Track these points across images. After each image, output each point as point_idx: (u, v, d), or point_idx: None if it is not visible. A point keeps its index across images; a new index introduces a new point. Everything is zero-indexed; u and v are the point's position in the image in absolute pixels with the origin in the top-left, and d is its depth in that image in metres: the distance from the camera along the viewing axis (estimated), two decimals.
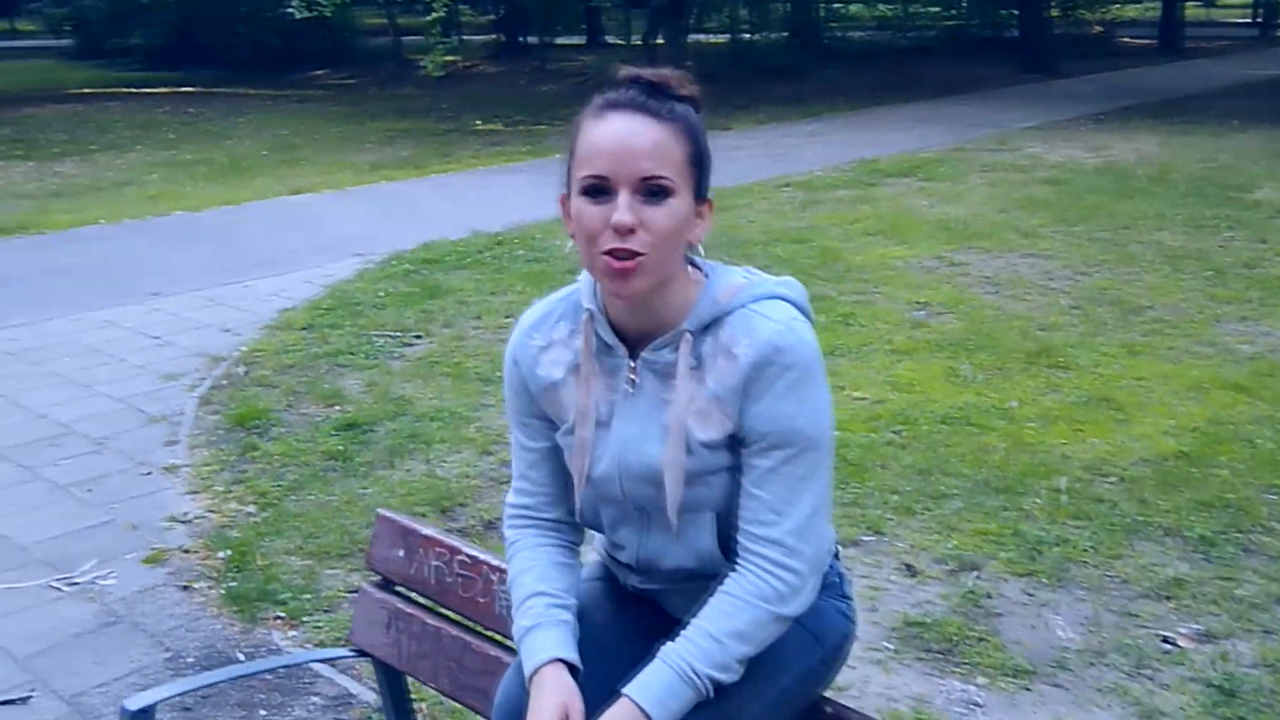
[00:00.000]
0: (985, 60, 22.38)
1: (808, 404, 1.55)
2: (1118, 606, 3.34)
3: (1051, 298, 6.51)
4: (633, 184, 1.49)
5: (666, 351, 1.59)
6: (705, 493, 1.60)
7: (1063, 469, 4.23)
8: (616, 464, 1.63)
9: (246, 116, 17.39)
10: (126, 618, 3.41)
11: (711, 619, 1.56)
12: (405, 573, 2.04)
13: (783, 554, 1.56)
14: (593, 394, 1.64)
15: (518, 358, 1.71)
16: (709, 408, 1.57)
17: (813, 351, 1.56)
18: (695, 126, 1.56)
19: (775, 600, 1.56)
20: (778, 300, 1.59)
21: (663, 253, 1.51)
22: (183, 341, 6.14)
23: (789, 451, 1.55)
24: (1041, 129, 13.53)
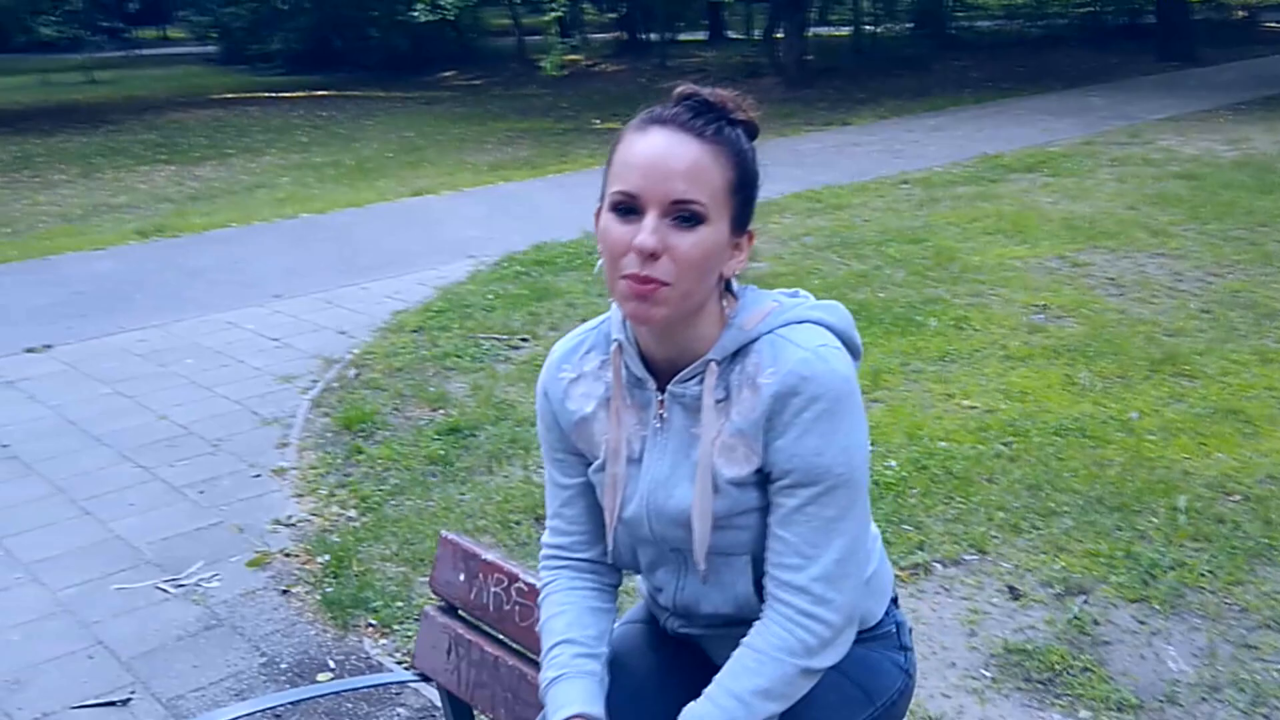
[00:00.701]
0: (1119, 49, 21.59)
1: (837, 438, 1.44)
2: (1235, 637, 3.15)
3: (1180, 301, 6.22)
4: (663, 206, 1.41)
5: (693, 383, 1.51)
6: (738, 536, 1.51)
7: (1183, 486, 4.02)
8: (645, 504, 1.55)
9: (376, 119, 17.76)
10: (227, 621, 3.49)
11: (735, 676, 1.47)
12: (466, 597, 2.02)
13: (809, 602, 1.47)
14: (624, 428, 1.56)
15: (548, 390, 1.65)
16: (734, 442, 1.48)
17: (843, 381, 1.45)
18: (744, 153, 1.47)
19: (803, 654, 1.47)
20: (810, 325, 1.49)
21: (688, 284, 1.42)
22: (300, 344, 6.28)
23: (816, 490, 1.45)
24: (1176, 120, 12.96)
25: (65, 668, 3.27)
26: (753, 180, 1.48)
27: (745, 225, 1.49)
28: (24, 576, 3.83)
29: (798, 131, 13.73)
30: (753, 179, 1.48)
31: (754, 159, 1.48)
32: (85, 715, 3.05)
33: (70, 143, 16.26)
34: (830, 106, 16.00)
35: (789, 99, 16.98)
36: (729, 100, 1.48)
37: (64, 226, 10.27)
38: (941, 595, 3.45)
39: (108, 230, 9.82)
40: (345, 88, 23.26)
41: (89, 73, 26.29)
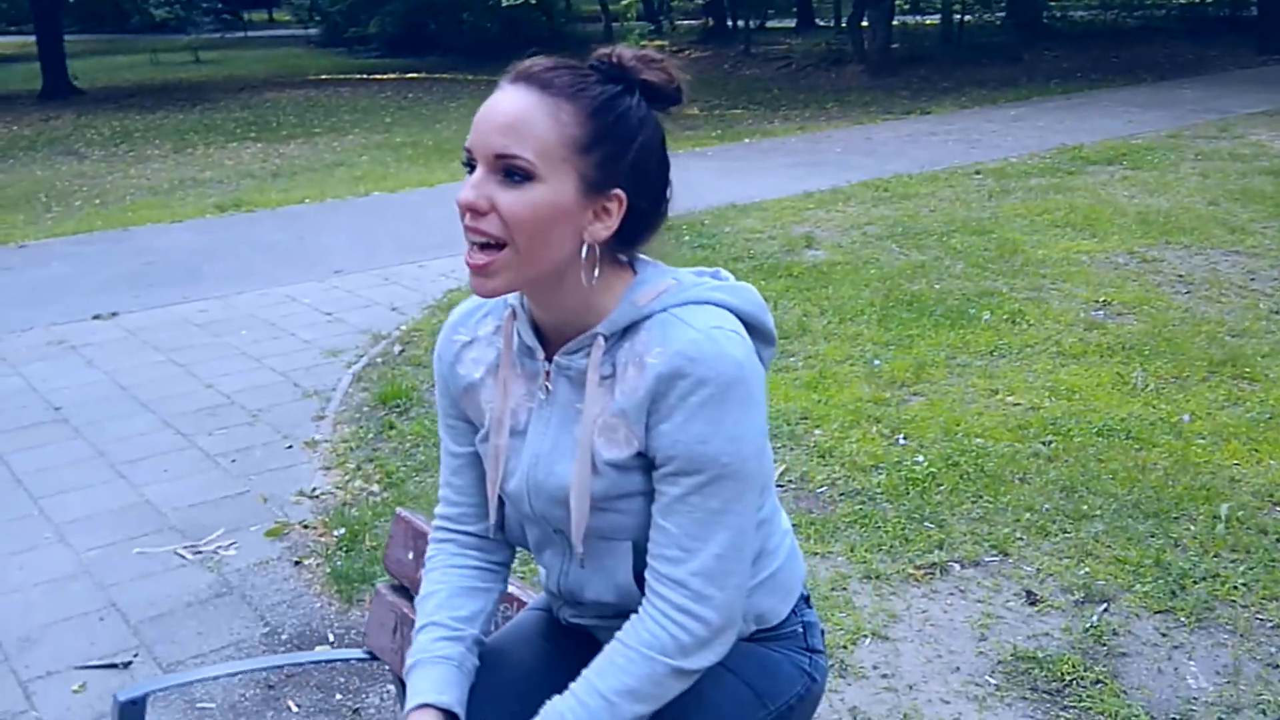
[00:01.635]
0: (1219, 41, 20.85)
1: (724, 426, 1.34)
2: (1264, 655, 3.00)
3: (1250, 300, 5.97)
4: (488, 161, 1.34)
5: (579, 356, 1.43)
6: (618, 520, 1.43)
7: (1228, 494, 3.85)
8: (526, 480, 1.48)
9: (460, 101, 17.91)
10: (238, 589, 3.53)
11: (602, 673, 1.40)
12: (413, 576, 2.00)
13: (687, 598, 1.38)
14: (511, 398, 1.49)
15: (441, 353, 1.59)
16: (616, 423, 1.39)
17: (735, 366, 1.34)
18: (603, 109, 1.36)
19: (675, 653, 1.39)
20: (708, 306, 1.40)
21: (521, 245, 1.33)
22: (352, 319, 6.35)
23: (699, 479, 1.36)
24: (1271, 115, 12.42)
25: (76, 628, 3.34)
26: (618, 138, 1.37)
27: (605, 188, 1.37)
28: (53, 536, 3.94)
29: (875, 120, 13.50)
30: (618, 137, 1.36)
31: (629, 117, 1.38)
32: (87, 675, 3.11)
33: (168, 120, 16.71)
34: (912, 95, 15.71)
35: (872, 87, 16.74)
36: (620, 57, 1.40)
37: (149, 200, 10.54)
38: (955, 597, 3.35)
39: (189, 204, 10.06)
40: (435, 70, 23.54)
41: (195, 53, 27.05)
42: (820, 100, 16.02)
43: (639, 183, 1.39)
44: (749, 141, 12.56)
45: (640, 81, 1.39)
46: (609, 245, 1.40)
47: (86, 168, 12.71)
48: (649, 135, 1.40)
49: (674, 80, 1.41)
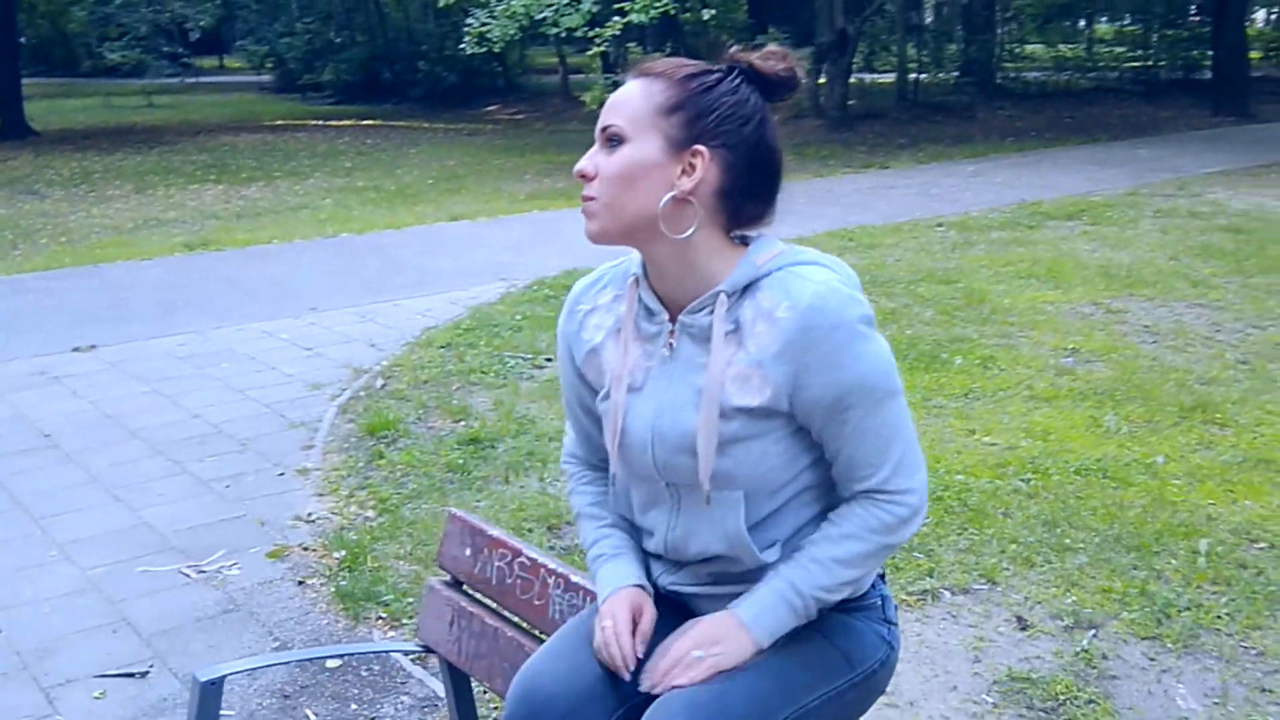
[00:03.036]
0: (1172, 103, 21.52)
1: (865, 358, 1.53)
2: (1250, 680, 3.11)
3: (1216, 350, 6.17)
4: (599, 135, 1.57)
5: (703, 314, 1.57)
6: (736, 467, 1.56)
7: (1206, 531, 3.98)
8: (651, 429, 1.61)
9: (419, 148, 18.04)
10: (245, 606, 3.57)
11: (820, 547, 1.58)
12: (470, 571, 2.06)
13: (888, 498, 1.59)
14: (630, 358, 1.63)
15: (565, 325, 1.75)
16: (749, 372, 1.54)
17: (858, 305, 1.54)
18: (694, 81, 1.55)
19: (884, 531, 1.59)
20: (816, 266, 1.56)
21: (609, 195, 1.54)
22: (332, 354, 6.39)
23: (864, 407, 1.54)
24: (1227, 175, 12.85)
25: (90, 640, 3.39)
26: (699, 102, 1.54)
27: (689, 143, 1.54)
28: (58, 555, 3.98)
29: (835, 173, 13.79)
30: (699, 102, 1.54)
31: (716, 88, 1.55)
32: (106, 683, 3.16)
33: (127, 161, 16.67)
34: (870, 150, 16.05)
35: (830, 141, 17.06)
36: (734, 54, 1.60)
37: (114, 238, 10.52)
38: (948, 621, 3.44)
39: (155, 243, 10.06)
40: (392, 118, 23.68)
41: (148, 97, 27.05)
42: None
43: (729, 143, 1.53)
44: None
45: (745, 68, 1.56)
46: (722, 219, 1.55)
47: (48, 207, 12.64)
48: (738, 104, 1.55)
49: (780, 66, 1.57)
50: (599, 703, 1.60)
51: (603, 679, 1.62)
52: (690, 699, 1.51)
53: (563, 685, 1.60)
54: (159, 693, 3.07)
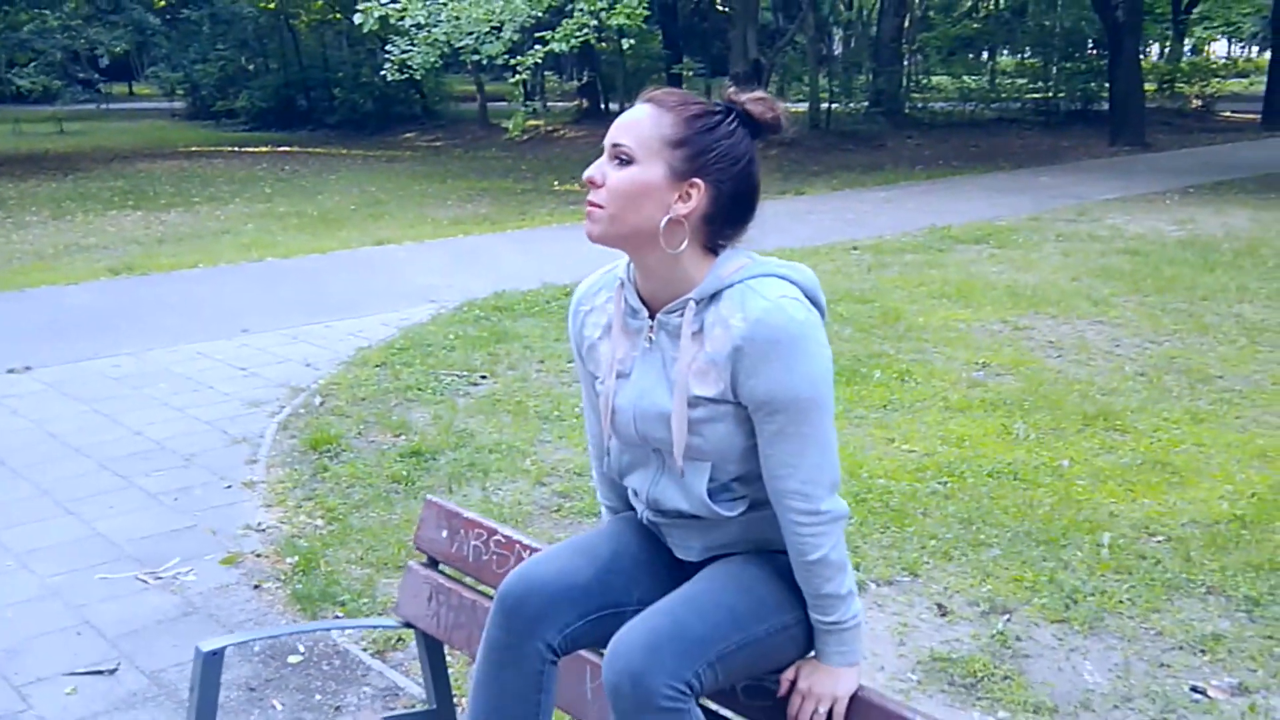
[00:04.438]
0: (1072, 132, 22.36)
1: (797, 371, 1.74)
2: (1150, 657, 3.38)
3: (1117, 364, 6.54)
4: (608, 149, 1.80)
5: (675, 316, 1.83)
6: (704, 443, 1.83)
7: (1108, 525, 4.27)
8: (633, 408, 1.87)
9: (338, 174, 18.07)
10: (203, 609, 3.69)
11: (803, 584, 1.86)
12: (447, 551, 2.24)
13: (802, 500, 1.80)
14: (619, 349, 1.90)
15: (571, 322, 2.02)
16: (707, 368, 1.79)
17: (800, 325, 1.74)
18: (699, 121, 1.78)
19: (809, 550, 1.81)
20: (775, 279, 1.79)
21: (616, 208, 1.77)
22: (267, 373, 6.48)
23: (789, 413, 1.76)
24: (1124, 201, 13.46)
25: (56, 642, 3.49)
26: (700, 140, 1.78)
27: (687, 176, 1.77)
28: (15, 564, 4.05)
29: None
30: (701, 140, 1.78)
31: (715, 129, 1.79)
32: (76, 681, 3.26)
33: (41, 188, 16.48)
34: (785, 177, 16.47)
35: None
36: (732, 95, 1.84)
37: (38, 263, 10.46)
38: (874, 610, 3.68)
39: (80, 267, 10.03)
40: (308, 144, 23.65)
41: (59, 123, 26.65)
42: None
43: (720, 179, 1.78)
44: None
45: (741, 111, 1.81)
46: (703, 236, 1.81)
47: None
48: (732, 145, 1.80)
49: (769, 113, 1.82)
50: (580, 599, 1.86)
51: (588, 583, 1.88)
52: (652, 626, 1.75)
53: (552, 576, 1.88)
54: (128, 688, 3.19)
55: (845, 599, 1.85)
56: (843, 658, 1.85)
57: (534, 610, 1.85)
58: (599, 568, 1.92)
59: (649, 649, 1.71)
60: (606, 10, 13.03)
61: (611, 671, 1.72)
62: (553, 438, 5.29)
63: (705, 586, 1.85)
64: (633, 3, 13.12)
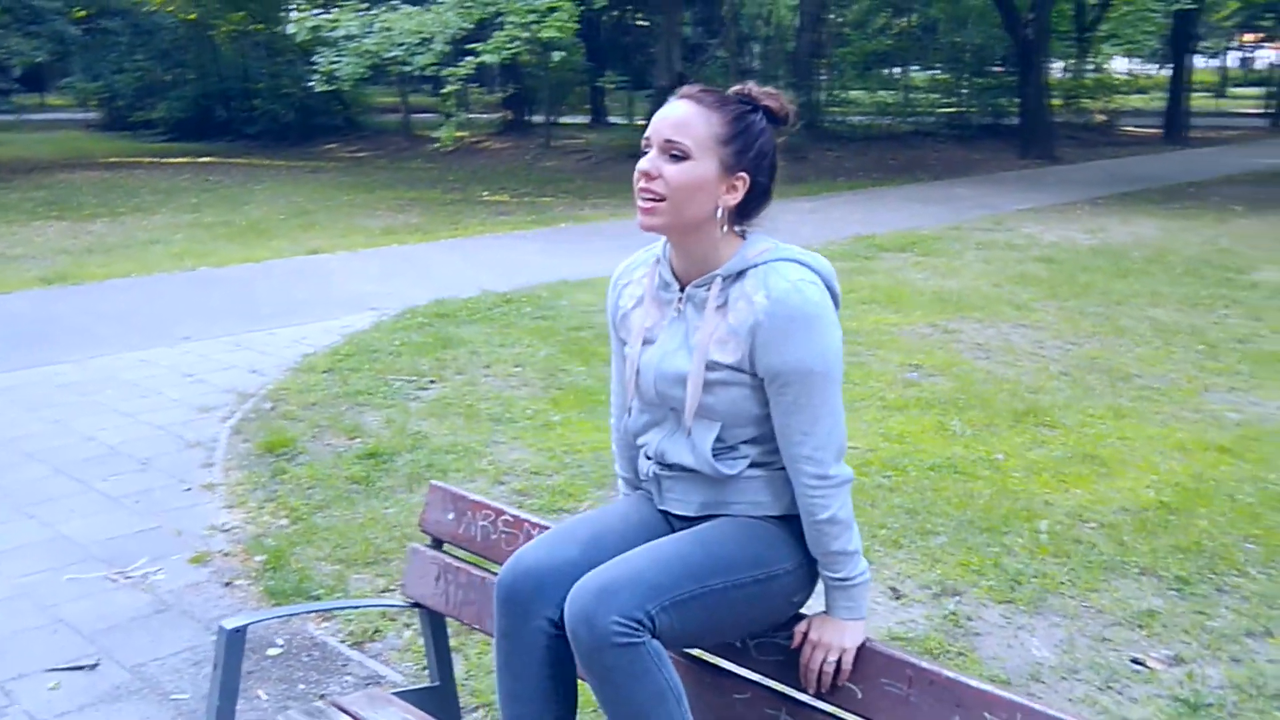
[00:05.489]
0: (984, 146, 22.95)
1: (813, 347, 1.92)
2: (1092, 632, 3.59)
3: (1042, 364, 6.81)
4: (659, 145, 1.96)
5: (703, 290, 2.01)
6: (716, 403, 1.99)
7: (1045, 514, 4.49)
8: (655, 369, 2.04)
9: (263, 185, 17.91)
10: (176, 606, 3.73)
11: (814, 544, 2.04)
12: (454, 532, 2.34)
13: (814, 465, 1.97)
14: (649, 318, 2.07)
15: (610, 293, 2.21)
16: (728, 338, 1.96)
17: (815, 305, 1.92)
18: (742, 120, 1.97)
19: (819, 510, 1.99)
20: (795, 264, 1.97)
21: (676, 200, 1.94)
22: (214, 379, 6.49)
23: (802, 385, 1.93)
24: (1038, 211, 13.91)
25: (33, 639, 3.52)
26: (744, 137, 1.97)
27: (736, 170, 1.97)
28: None
29: None
30: (744, 137, 1.97)
31: (753, 126, 1.98)
32: (58, 676, 3.29)
33: None
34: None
35: None
36: (754, 91, 2.03)
37: None
38: None
39: (10, 277, 9.88)
40: (229, 155, 23.37)
41: None
42: (624, 190, 16.74)
43: (757, 170, 2.00)
44: (565, 226, 13.17)
45: (764, 106, 2.00)
46: (733, 221, 2.01)
47: None
48: (766, 140, 2.02)
49: (785, 108, 2.03)
50: (571, 572, 1.95)
51: (576, 559, 1.99)
52: (608, 573, 1.89)
53: (541, 557, 2.00)
54: (111, 682, 3.23)
55: (852, 556, 2.02)
56: (850, 612, 2.00)
57: (527, 592, 1.97)
58: (586, 544, 2.04)
59: (601, 592, 1.85)
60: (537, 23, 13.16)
61: (569, 618, 1.86)
62: (506, 439, 5.39)
63: (668, 543, 2.00)
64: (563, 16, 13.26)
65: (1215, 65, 46.73)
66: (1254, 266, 9.96)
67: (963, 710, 1.74)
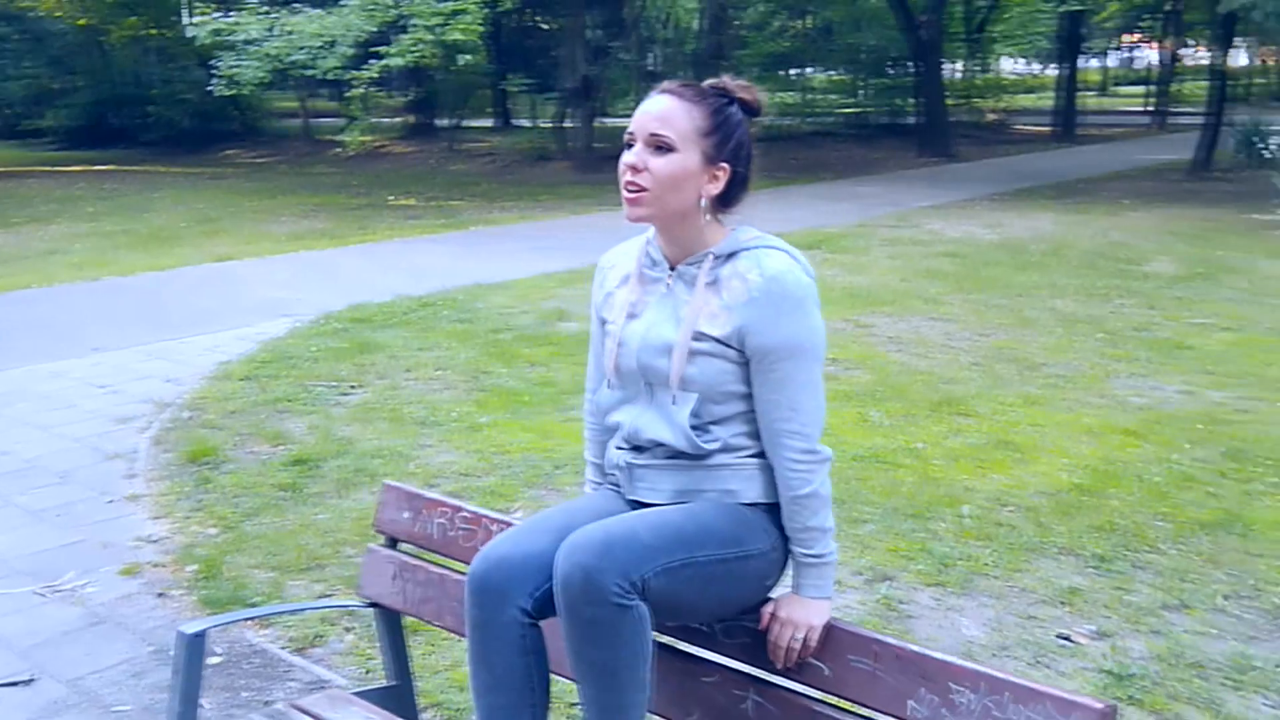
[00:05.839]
0: (883, 145, 23.41)
1: (804, 325, 2.01)
2: (1019, 611, 3.71)
3: (953, 355, 6.99)
4: (644, 138, 2.03)
5: (694, 267, 2.08)
6: (699, 374, 2.04)
7: (967, 499, 4.63)
8: (641, 340, 2.09)
9: (162, 192, 17.55)
10: (110, 619, 3.65)
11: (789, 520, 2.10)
12: (411, 530, 2.35)
13: (801, 440, 2.04)
14: (635, 294, 2.14)
15: (596, 276, 2.27)
16: (719, 313, 2.03)
17: (804, 287, 2.02)
18: (721, 113, 2.06)
19: (802, 485, 2.05)
20: (782, 251, 2.07)
21: (661, 191, 2.02)
22: (129, 390, 6.35)
23: (792, 360, 2.01)
24: (940, 208, 14.25)
25: None
26: (728, 131, 2.06)
27: (718, 161, 2.06)
28: None
29: (591, 210, 14.43)
30: (724, 129, 2.06)
31: (731, 118, 2.07)
32: None
33: None
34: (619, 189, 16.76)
35: (579, 181, 17.74)
36: (730, 85, 2.11)
37: None
38: None
39: None
40: (125, 163, 22.86)
41: None
42: (533, 193, 16.82)
43: (737, 160, 2.09)
44: (476, 229, 13.11)
45: (738, 98, 2.09)
46: (714, 209, 2.09)
47: None
48: (743, 132, 2.11)
49: (757, 100, 2.12)
50: (543, 564, 1.98)
51: (545, 549, 2.01)
52: (607, 528, 1.94)
53: (516, 549, 2.02)
54: (49, 697, 3.15)
55: (827, 533, 2.08)
56: (818, 590, 2.07)
57: (499, 583, 1.99)
58: (555, 535, 2.05)
59: (604, 546, 1.89)
60: (444, 26, 13.08)
61: (566, 563, 1.88)
62: (434, 441, 5.37)
63: (658, 513, 2.05)
64: (469, 19, 13.21)
65: (1098, 65, 48.18)
66: (1146, 258, 10.33)
67: (928, 682, 1.81)
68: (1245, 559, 4.06)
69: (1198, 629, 3.57)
